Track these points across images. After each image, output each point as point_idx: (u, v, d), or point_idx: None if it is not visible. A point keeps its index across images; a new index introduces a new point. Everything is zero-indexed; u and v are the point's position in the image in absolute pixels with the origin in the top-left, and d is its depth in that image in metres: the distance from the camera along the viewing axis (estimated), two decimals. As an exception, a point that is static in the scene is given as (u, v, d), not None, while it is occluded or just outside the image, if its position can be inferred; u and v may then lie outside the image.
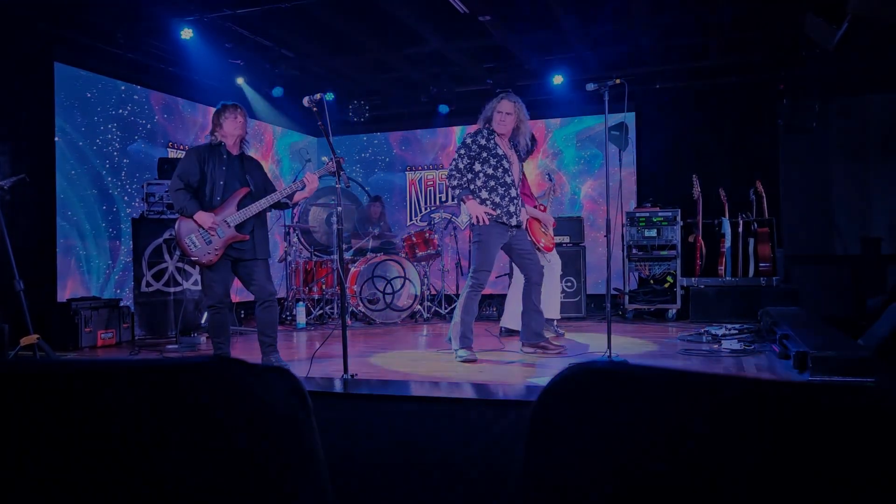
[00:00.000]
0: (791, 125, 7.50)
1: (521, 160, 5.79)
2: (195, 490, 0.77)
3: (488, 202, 4.74)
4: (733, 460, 0.64)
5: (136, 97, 7.17)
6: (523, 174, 5.85)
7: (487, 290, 7.88)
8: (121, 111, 6.99)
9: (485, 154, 4.77)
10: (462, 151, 4.79)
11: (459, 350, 4.72)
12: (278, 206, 4.62)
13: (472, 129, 4.97)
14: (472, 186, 4.76)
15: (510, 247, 4.90)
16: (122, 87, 7.02)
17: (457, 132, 9.32)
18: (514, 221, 4.82)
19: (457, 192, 4.82)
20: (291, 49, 7.40)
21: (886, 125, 7.83)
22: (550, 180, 6.42)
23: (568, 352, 5.00)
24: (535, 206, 5.75)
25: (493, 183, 4.76)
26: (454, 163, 4.80)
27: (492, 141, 4.79)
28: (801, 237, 8.00)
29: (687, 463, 0.66)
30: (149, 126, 7.32)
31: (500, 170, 4.80)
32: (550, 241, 5.79)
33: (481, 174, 4.77)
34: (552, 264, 5.82)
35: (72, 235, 6.48)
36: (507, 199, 4.79)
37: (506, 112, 4.80)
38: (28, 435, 0.81)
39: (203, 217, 4.35)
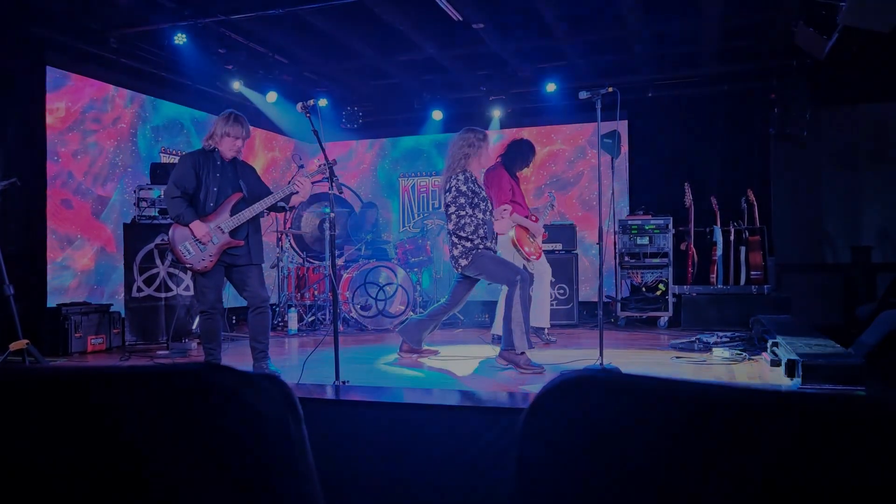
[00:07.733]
0: (782, 134, 7.53)
1: (517, 171, 5.85)
2: (185, 498, 0.77)
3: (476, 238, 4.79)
4: (725, 470, 0.64)
5: (128, 102, 7.15)
6: (518, 183, 5.86)
7: (484, 297, 7.89)
8: (113, 116, 6.97)
9: (476, 199, 4.82)
10: (462, 201, 4.77)
11: (526, 351, 4.58)
12: (275, 209, 4.59)
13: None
14: (467, 230, 4.75)
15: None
16: (115, 92, 6.99)
17: (450, 139, 9.31)
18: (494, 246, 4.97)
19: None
20: (285, 55, 7.40)
21: (877, 135, 7.90)
22: (551, 199, 6.39)
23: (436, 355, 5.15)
24: (528, 216, 5.75)
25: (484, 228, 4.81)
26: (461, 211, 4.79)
27: (477, 184, 4.89)
28: (792, 246, 8.04)
29: (679, 472, 0.66)
30: (141, 131, 7.30)
31: (488, 213, 4.87)
32: (537, 249, 5.79)
33: (474, 219, 4.79)
34: (541, 272, 5.82)
35: (62, 240, 6.44)
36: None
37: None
38: (17, 441, 0.81)
39: (199, 227, 4.34)
